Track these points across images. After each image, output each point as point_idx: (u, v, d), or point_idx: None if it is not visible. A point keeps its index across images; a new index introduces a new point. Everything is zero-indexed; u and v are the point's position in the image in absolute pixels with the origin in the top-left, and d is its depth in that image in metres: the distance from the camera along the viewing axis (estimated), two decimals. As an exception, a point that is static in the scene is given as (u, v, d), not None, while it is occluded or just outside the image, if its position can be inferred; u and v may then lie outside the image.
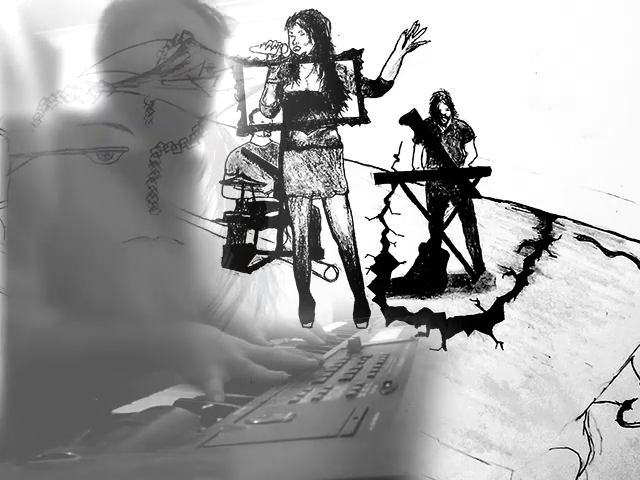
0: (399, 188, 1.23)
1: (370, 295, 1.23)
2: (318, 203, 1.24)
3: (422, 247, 1.24)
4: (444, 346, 1.20)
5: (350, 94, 1.23)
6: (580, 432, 1.18)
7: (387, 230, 1.22)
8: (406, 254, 1.23)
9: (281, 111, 1.23)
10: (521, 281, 1.21)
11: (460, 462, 1.18)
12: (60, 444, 0.99)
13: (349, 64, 1.23)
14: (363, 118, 1.22)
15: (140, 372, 1.26)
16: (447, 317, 1.21)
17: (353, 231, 1.23)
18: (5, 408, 1.22)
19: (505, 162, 1.21)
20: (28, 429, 1.15)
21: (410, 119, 1.23)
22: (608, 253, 1.20)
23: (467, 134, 1.25)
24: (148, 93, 1.26)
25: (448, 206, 1.25)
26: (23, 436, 1.15)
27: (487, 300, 1.22)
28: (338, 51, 1.23)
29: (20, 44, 1.31)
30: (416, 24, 1.22)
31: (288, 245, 1.24)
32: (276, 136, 1.24)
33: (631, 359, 1.18)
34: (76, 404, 1.20)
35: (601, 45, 1.21)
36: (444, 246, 1.24)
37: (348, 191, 1.23)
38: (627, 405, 1.18)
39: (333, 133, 1.23)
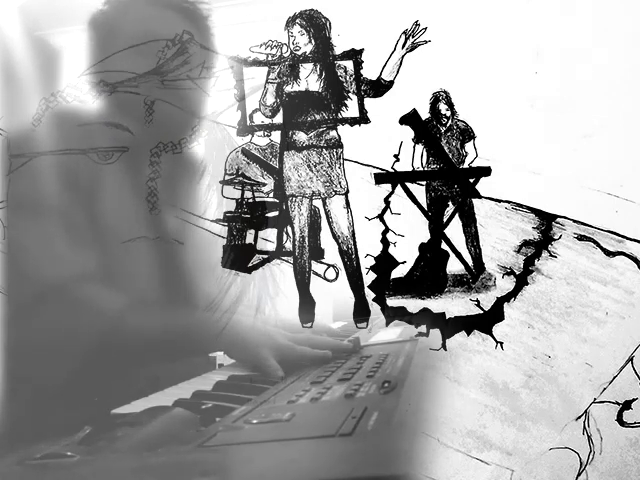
0: (399, 188, 1.23)
1: (370, 295, 1.23)
2: (318, 203, 1.24)
3: (422, 247, 1.24)
4: (444, 346, 1.20)
5: (350, 94, 1.23)
6: (580, 432, 1.18)
7: (387, 230, 1.22)
8: (406, 254, 1.23)
9: (281, 111, 1.24)
10: (521, 281, 1.21)
11: (460, 462, 1.17)
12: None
13: (349, 64, 1.23)
14: (363, 118, 1.22)
15: (192, 356, 1.35)
16: (447, 317, 1.21)
17: (353, 231, 1.23)
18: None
19: (505, 162, 1.21)
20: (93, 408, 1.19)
21: (410, 119, 1.23)
22: (608, 253, 1.20)
23: (467, 134, 1.25)
24: (148, 93, 1.26)
25: (448, 206, 1.25)
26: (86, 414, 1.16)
27: (487, 300, 1.21)
28: (338, 51, 1.23)
29: (20, 44, 1.31)
30: (416, 24, 1.22)
31: (288, 245, 1.25)
32: (276, 136, 1.24)
33: (631, 359, 1.18)
34: (140, 386, 1.24)
35: (601, 45, 1.21)
36: (444, 246, 1.24)
37: (348, 191, 1.23)
38: (627, 405, 1.18)
39: (333, 133, 1.23)
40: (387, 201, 1.23)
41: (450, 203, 1.25)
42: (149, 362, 1.29)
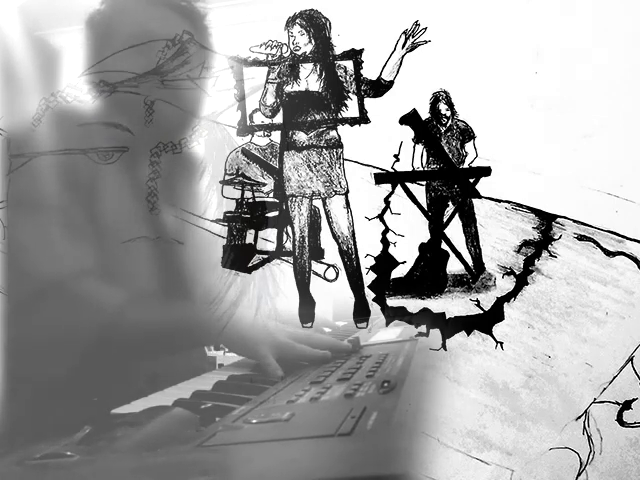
0: (399, 188, 1.23)
1: (370, 295, 1.23)
2: (318, 203, 1.24)
3: (422, 247, 1.24)
4: (444, 346, 1.20)
5: (350, 94, 1.23)
6: (580, 432, 1.18)
7: (387, 230, 1.22)
8: (406, 254, 1.23)
9: (281, 111, 1.24)
10: (521, 281, 1.21)
11: (460, 462, 1.17)
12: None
13: (349, 64, 1.23)
14: (363, 118, 1.22)
15: (191, 348, 1.38)
16: (447, 317, 1.21)
17: (353, 231, 1.23)
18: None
19: (505, 162, 1.21)
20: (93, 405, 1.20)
21: (410, 119, 1.23)
22: (608, 253, 1.20)
23: (467, 134, 1.25)
24: (148, 93, 1.26)
25: (448, 206, 1.25)
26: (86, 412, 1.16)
27: (487, 300, 1.21)
28: (338, 51, 1.23)
29: (20, 44, 1.31)
30: (416, 24, 1.22)
31: (288, 245, 1.25)
32: (276, 136, 1.24)
33: (631, 359, 1.18)
34: (139, 383, 1.26)
35: (601, 45, 1.20)
36: (444, 246, 1.24)
37: (348, 191, 1.23)
38: (627, 405, 1.18)
39: (333, 133, 1.23)
40: (387, 201, 1.23)
41: (450, 203, 1.25)
42: (148, 355, 1.29)
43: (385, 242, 1.22)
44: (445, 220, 1.25)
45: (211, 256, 1.26)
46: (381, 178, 1.23)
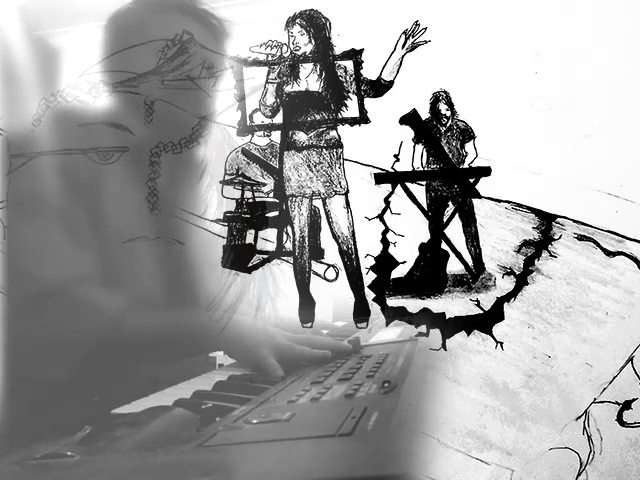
0: (399, 188, 1.23)
1: (370, 295, 1.23)
2: (318, 203, 1.24)
3: (422, 247, 1.24)
4: (444, 346, 1.20)
5: (350, 94, 1.23)
6: (580, 432, 1.18)
7: (387, 230, 1.22)
8: (406, 254, 1.23)
9: (281, 111, 1.24)
10: (521, 281, 1.21)
11: (460, 462, 1.17)
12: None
13: (349, 64, 1.23)
14: (363, 118, 1.22)
15: (193, 355, 1.36)
16: (447, 317, 1.21)
17: (353, 231, 1.23)
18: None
19: (505, 162, 1.21)
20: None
21: (410, 119, 1.23)
22: (608, 253, 1.20)
23: (467, 134, 1.25)
24: (148, 93, 1.26)
25: (448, 206, 1.25)
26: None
27: (487, 300, 1.21)
28: (338, 51, 1.23)
29: (20, 44, 1.31)
30: (416, 24, 1.22)
31: (288, 245, 1.25)
32: (276, 136, 1.24)
33: (631, 359, 1.18)
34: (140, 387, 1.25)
35: (601, 45, 1.21)
36: (444, 246, 1.24)
37: (348, 191, 1.23)
38: (627, 405, 1.18)
39: (333, 133, 1.23)
40: (387, 201, 1.23)
41: (450, 203, 1.25)
42: (150, 362, 1.29)
43: (385, 242, 1.22)
44: (445, 220, 1.25)
45: (211, 256, 1.26)
46: (381, 178, 1.23)
